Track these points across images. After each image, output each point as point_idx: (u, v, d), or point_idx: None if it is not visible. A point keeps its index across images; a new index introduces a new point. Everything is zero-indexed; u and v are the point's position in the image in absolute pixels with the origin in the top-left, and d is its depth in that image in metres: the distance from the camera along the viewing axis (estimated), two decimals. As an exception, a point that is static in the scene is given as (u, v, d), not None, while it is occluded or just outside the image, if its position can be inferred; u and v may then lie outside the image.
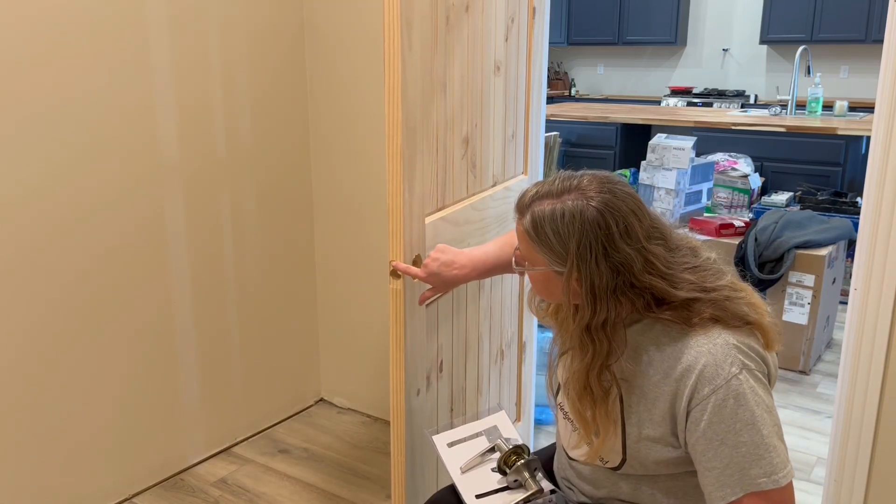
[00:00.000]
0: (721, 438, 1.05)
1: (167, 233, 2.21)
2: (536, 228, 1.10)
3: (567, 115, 5.05)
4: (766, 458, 1.04)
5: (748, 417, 1.05)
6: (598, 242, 1.06)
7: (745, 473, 1.04)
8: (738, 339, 1.08)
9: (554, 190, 1.11)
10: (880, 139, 1.53)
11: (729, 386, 1.05)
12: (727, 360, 1.06)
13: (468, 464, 1.34)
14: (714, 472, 1.06)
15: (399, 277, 1.40)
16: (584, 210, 1.07)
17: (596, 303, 1.07)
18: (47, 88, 1.87)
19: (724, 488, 1.06)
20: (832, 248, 3.08)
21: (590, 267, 1.06)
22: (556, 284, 1.12)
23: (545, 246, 1.10)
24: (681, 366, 1.08)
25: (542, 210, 1.10)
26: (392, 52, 1.30)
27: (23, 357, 1.92)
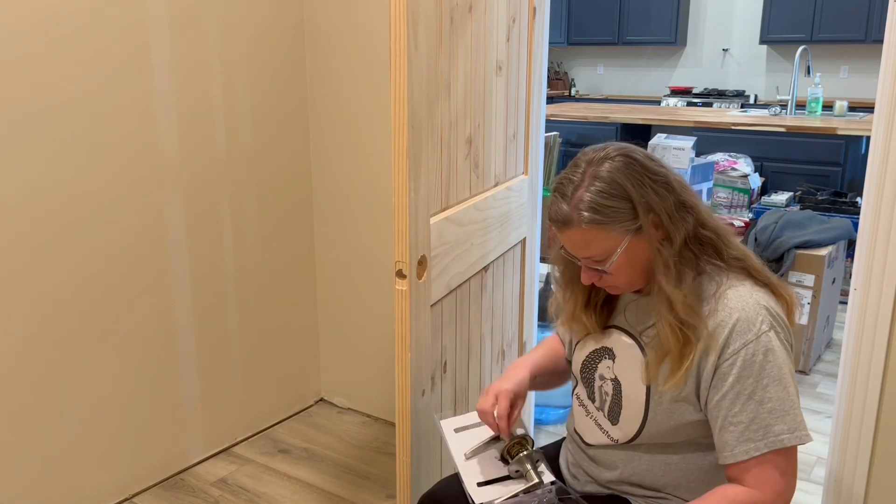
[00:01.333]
0: (749, 393, 1.09)
1: (167, 233, 2.21)
2: (597, 209, 1.11)
3: (567, 115, 5.05)
4: (790, 415, 1.08)
5: (776, 373, 1.08)
6: (641, 175, 1.11)
7: (770, 429, 1.08)
8: (769, 303, 1.12)
9: (575, 181, 1.13)
10: (880, 139, 1.53)
11: (759, 341, 1.09)
12: (758, 318, 1.10)
13: (472, 450, 1.35)
14: (739, 426, 1.09)
15: (405, 277, 1.40)
16: (611, 166, 1.12)
17: (674, 224, 1.12)
18: (47, 89, 1.87)
19: (748, 443, 1.09)
20: (832, 248, 3.08)
21: (652, 198, 1.11)
22: (641, 247, 1.13)
23: (615, 215, 1.11)
24: (713, 321, 1.11)
25: (584, 196, 1.11)
26: (398, 51, 1.30)
27: (23, 357, 1.92)
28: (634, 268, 1.16)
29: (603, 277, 1.18)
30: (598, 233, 1.12)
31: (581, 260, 1.18)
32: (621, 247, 1.13)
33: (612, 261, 1.14)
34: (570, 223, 1.13)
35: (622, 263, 1.15)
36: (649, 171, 1.12)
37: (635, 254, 1.14)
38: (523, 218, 2.08)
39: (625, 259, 1.14)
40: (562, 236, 1.16)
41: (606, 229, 1.11)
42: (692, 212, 1.15)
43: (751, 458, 1.09)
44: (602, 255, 1.14)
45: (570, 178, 1.14)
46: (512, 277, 2.07)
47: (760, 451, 1.08)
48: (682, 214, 1.13)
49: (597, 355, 1.28)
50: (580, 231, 1.12)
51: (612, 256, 1.14)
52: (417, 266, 1.43)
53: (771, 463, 1.08)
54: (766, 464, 1.09)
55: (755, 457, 1.09)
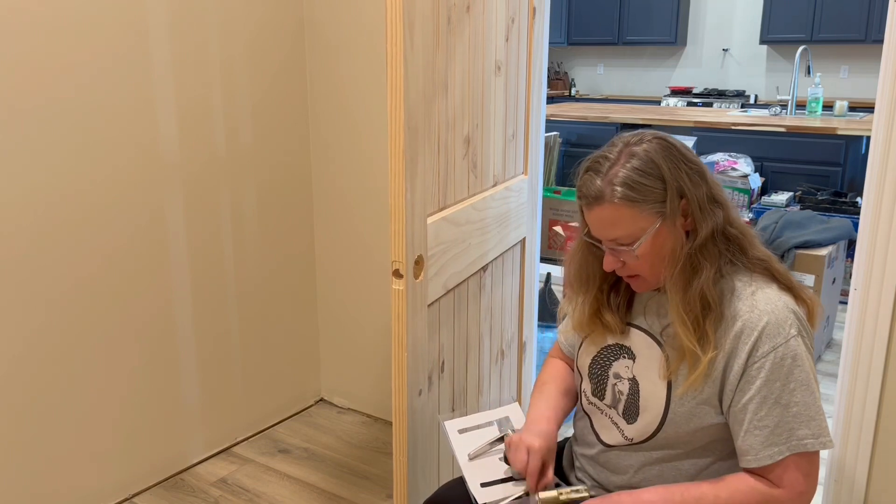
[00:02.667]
0: (776, 397, 1.09)
1: (167, 233, 2.21)
2: (631, 186, 1.10)
3: (567, 115, 5.05)
4: (815, 420, 1.09)
5: (803, 378, 1.09)
6: (677, 160, 1.12)
7: (794, 433, 1.08)
8: (795, 307, 1.13)
9: (611, 158, 1.13)
10: (880, 139, 1.53)
11: (788, 345, 1.09)
12: (788, 321, 1.10)
13: (477, 451, 1.35)
14: (764, 430, 1.09)
15: (401, 277, 1.40)
16: (648, 146, 1.12)
17: (703, 214, 1.12)
18: (47, 88, 1.87)
19: (772, 447, 1.09)
20: (832, 248, 3.08)
21: (685, 183, 1.12)
22: (667, 235, 1.13)
23: (648, 195, 1.11)
24: (740, 322, 1.11)
25: (619, 172, 1.11)
26: (394, 51, 1.30)
27: (22, 357, 1.92)
28: (659, 256, 1.14)
29: (626, 265, 1.16)
30: (628, 211, 1.11)
31: (606, 243, 1.16)
32: (651, 229, 1.11)
33: (639, 242, 1.12)
34: (601, 198, 1.11)
35: (648, 249, 1.13)
36: (685, 158, 1.13)
37: (662, 241, 1.13)
38: (523, 218, 2.08)
39: (651, 245, 1.13)
40: (590, 215, 1.15)
41: (638, 208, 1.10)
42: (722, 207, 1.15)
43: (778, 462, 1.09)
44: (630, 236, 1.12)
45: (605, 155, 1.14)
46: (511, 277, 2.07)
47: (783, 455, 1.09)
48: (713, 207, 1.13)
49: (611, 353, 1.25)
50: (611, 207, 1.11)
51: (641, 238, 1.12)
52: (414, 266, 1.43)
53: (794, 465, 1.09)
54: (789, 465, 1.09)
55: (778, 461, 1.09)
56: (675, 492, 1.13)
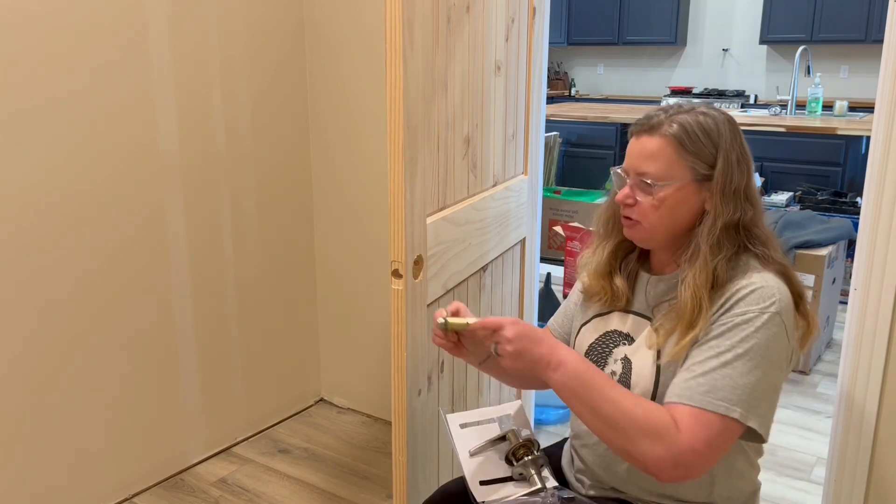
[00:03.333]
0: (721, 352, 1.07)
1: (167, 232, 2.21)
2: (687, 132, 1.13)
3: (567, 115, 5.05)
4: (747, 395, 1.06)
5: (758, 352, 1.07)
6: (736, 142, 1.15)
7: (716, 392, 1.06)
8: (789, 301, 1.12)
9: (683, 109, 1.16)
10: (880, 139, 1.53)
11: (760, 317, 1.08)
12: (772, 298, 1.09)
13: (478, 448, 1.35)
14: (692, 374, 1.08)
15: (401, 277, 1.40)
16: (718, 116, 1.16)
17: (735, 202, 1.13)
18: (46, 88, 1.87)
19: (688, 391, 1.07)
20: (832, 248, 3.08)
21: (733, 165, 1.14)
22: (690, 198, 1.15)
23: (695, 148, 1.13)
24: (733, 289, 1.11)
25: (686, 119, 1.14)
26: (394, 51, 1.30)
27: (22, 357, 1.92)
28: (671, 212, 1.15)
29: (637, 205, 1.17)
30: (672, 152, 1.13)
31: (633, 176, 1.17)
32: (681, 181, 1.13)
33: (663, 185, 1.14)
34: (654, 129, 1.14)
35: (666, 198, 1.14)
36: (743, 147, 1.16)
37: (682, 200, 1.15)
38: (523, 218, 2.08)
39: (671, 196, 1.14)
40: (636, 143, 1.17)
41: (680, 155, 1.13)
42: (753, 208, 1.16)
43: (686, 406, 1.06)
44: (659, 176, 1.14)
45: (680, 104, 1.17)
46: (511, 277, 2.07)
47: (692, 403, 1.05)
48: (742, 202, 1.14)
49: (611, 339, 1.26)
50: (660, 141, 1.14)
51: (665, 182, 1.13)
52: (413, 266, 1.43)
53: (703, 421, 1.04)
54: (699, 420, 1.05)
55: (691, 407, 1.05)
56: (589, 371, 1.10)
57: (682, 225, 1.17)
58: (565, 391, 1.11)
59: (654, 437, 1.04)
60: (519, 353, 1.13)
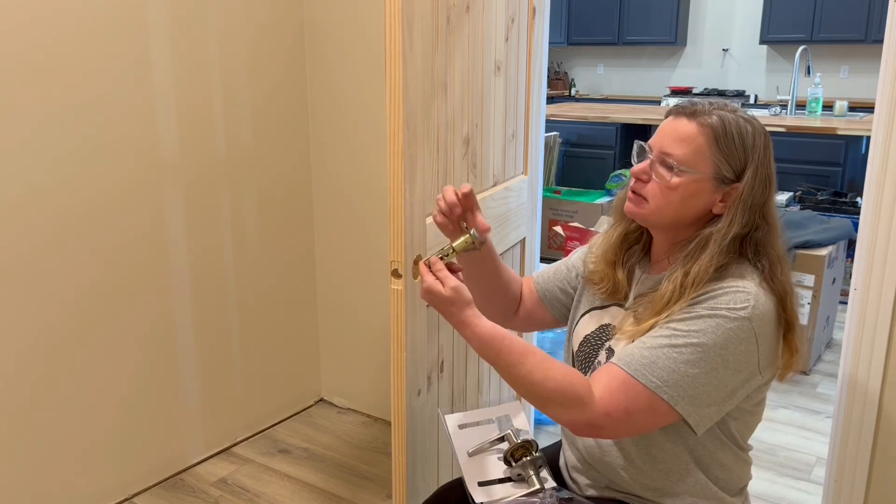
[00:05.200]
0: (673, 335, 1.06)
1: (168, 234, 2.21)
2: (724, 129, 1.11)
3: (567, 115, 5.05)
4: (683, 382, 1.05)
5: (711, 349, 1.05)
6: (766, 157, 1.13)
7: (653, 366, 1.06)
8: (770, 310, 1.09)
9: (730, 107, 1.15)
10: (880, 139, 1.53)
11: (727, 316, 1.06)
12: (747, 302, 1.07)
13: (476, 449, 1.35)
14: (636, 344, 1.08)
15: (400, 277, 1.40)
16: (757, 127, 1.14)
17: (751, 214, 1.12)
18: (48, 92, 1.87)
19: (627, 357, 1.08)
20: (832, 248, 3.08)
21: (758, 179, 1.12)
22: (704, 194, 1.13)
23: (728, 149, 1.11)
24: (711, 285, 1.09)
25: (726, 116, 1.13)
26: (393, 52, 1.30)
27: (23, 357, 1.92)
28: (681, 203, 1.13)
29: (650, 184, 1.15)
30: (702, 143, 1.11)
31: (657, 154, 1.15)
32: (701, 174, 1.11)
33: (682, 170, 1.11)
34: (695, 115, 1.13)
35: (682, 184, 1.12)
36: (770, 164, 1.14)
37: (695, 194, 1.13)
38: (523, 218, 2.08)
39: (687, 184, 1.12)
40: (670, 123, 1.15)
41: (710, 148, 1.11)
42: (768, 226, 1.15)
43: (622, 370, 1.07)
44: (682, 161, 1.12)
45: (725, 103, 1.16)
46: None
47: (630, 371, 1.06)
48: (758, 220, 1.13)
49: (604, 333, 1.26)
50: (696, 128, 1.12)
51: (687, 169, 1.11)
52: (413, 266, 1.43)
53: (632, 392, 1.05)
54: (629, 389, 1.06)
55: (627, 373, 1.06)
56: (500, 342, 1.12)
57: (686, 217, 1.15)
58: (484, 357, 1.15)
59: (566, 407, 1.07)
60: (438, 305, 1.17)
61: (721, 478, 1.19)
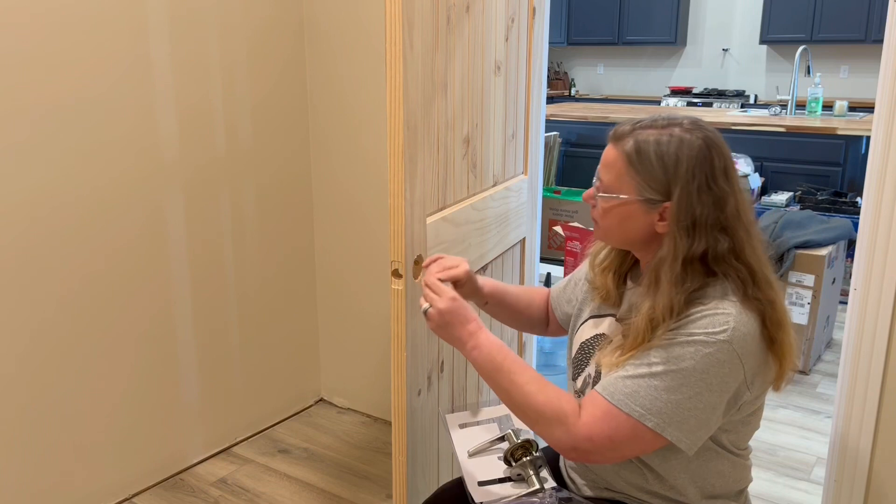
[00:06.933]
0: (652, 363, 1.06)
1: (167, 233, 2.21)
2: (640, 153, 1.10)
3: (567, 115, 5.05)
4: (666, 412, 1.05)
5: (689, 374, 1.04)
6: (701, 173, 1.08)
7: (634, 396, 1.06)
8: (752, 331, 1.06)
9: (658, 124, 1.12)
10: (880, 139, 1.53)
11: (706, 340, 1.04)
12: (725, 325, 1.05)
13: (476, 449, 1.36)
14: (623, 373, 1.08)
15: (400, 277, 1.40)
16: (691, 141, 1.09)
17: (694, 234, 1.08)
18: (48, 90, 1.87)
19: (611, 387, 1.08)
20: (832, 248, 3.08)
21: (692, 196, 1.08)
22: (637, 216, 1.12)
23: (645, 171, 1.10)
24: (688, 310, 1.08)
25: (646, 137, 1.11)
26: (393, 51, 1.30)
27: (23, 357, 1.92)
28: (621, 227, 1.15)
29: (596, 206, 1.18)
30: (623, 167, 1.12)
31: (596, 176, 1.19)
32: (625, 197, 1.12)
33: (606, 197, 1.14)
34: (616, 140, 1.14)
35: (610, 209, 1.14)
36: (713, 177, 1.09)
37: (629, 217, 1.13)
38: (522, 218, 2.08)
39: (615, 209, 1.14)
40: (606, 148, 1.17)
41: (628, 173, 1.11)
42: (731, 239, 1.09)
43: (605, 399, 1.07)
44: (608, 186, 1.14)
45: (658, 117, 1.15)
46: (511, 278, 2.07)
47: (612, 400, 1.06)
48: (710, 235, 1.08)
49: (597, 342, 1.27)
50: (617, 153, 1.13)
51: (612, 196, 1.13)
52: (413, 266, 1.43)
53: (614, 420, 1.06)
54: (611, 418, 1.06)
55: (608, 402, 1.07)
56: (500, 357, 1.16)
57: (634, 237, 1.15)
58: (482, 372, 1.19)
59: (552, 423, 1.09)
60: (442, 327, 1.21)
61: (717, 484, 1.19)
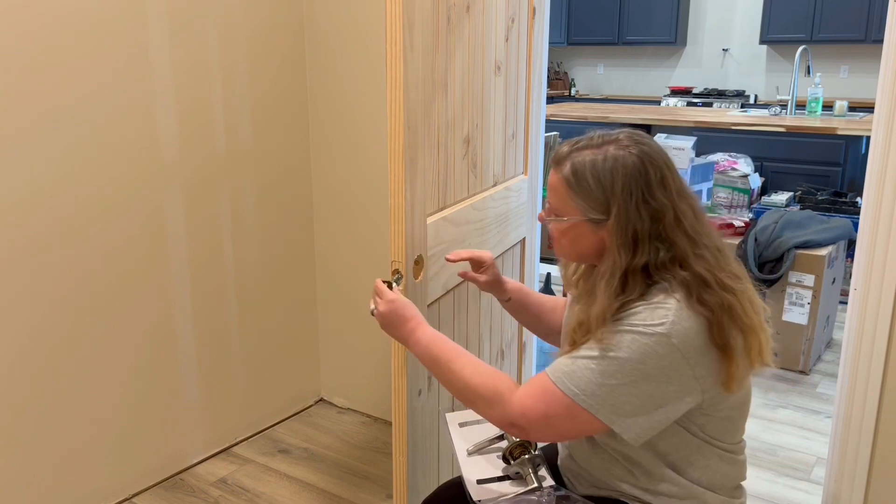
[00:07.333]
0: (594, 348, 1.09)
1: (167, 233, 2.21)
2: (577, 175, 1.14)
3: (567, 115, 5.05)
4: (595, 385, 1.07)
5: (627, 361, 1.06)
6: (637, 188, 1.11)
7: (571, 375, 1.09)
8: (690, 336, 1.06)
9: (593, 143, 1.16)
10: (880, 139, 1.53)
11: (643, 331, 1.06)
12: (664, 319, 1.06)
13: (476, 447, 1.36)
14: (567, 356, 1.12)
15: (402, 278, 1.40)
16: (625, 157, 1.12)
17: (636, 247, 1.11)
18: (48, 89, 1.87)
19: (554, 365, 1.13)
20: (832, 248, 3.08)
21: (631, 212, 1.11)
22: (587, 235, 1.16)
23: (584, 193, 1.13)
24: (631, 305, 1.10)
25: (582, 159, 1.14)
26: (394, 51, 1.30)
27: (23, 357, 1.92)
28: (573, 246, 1.19)
29: (550, 225, 1.23)
30: (564, 191, 1.16)
31: (546, 199, 1.23)
32: (572, 219, 1.16)
33: (556, 220, 1.18)
34: (558, 165, 1.18)
35: (567, 231, 1.18)
36: (649, 191, 1.11)
37: (579, 237, 1.17)
38: (523, 218, 2.08)
39: (566, 230, 1.18)
40: (550, 172, 1.21)
41: (571, 196, 1.15)
42: (674, 248, 1.11)
43: (546, 376, 1.11)
44: (555, 209, 1.19)
45: (592, 137, 1.18)
46: (511, 277, 2.07)
47: (552, 377, 1.10)
48: (650, 246, 1.10)
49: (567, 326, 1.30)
50: (557, 178, 1.17)
51: (560, 219, 1.18)
52: (414, 266, 1.43)
53: (550, 398, 1.09)
54: (548, 394, 1.10)
55: (549, 379, 1.11)
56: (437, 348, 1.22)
57: (588, 253, 1.18)
58: (424, 365, 1.25)
59: (489, 402, 1.15)
60: (385, 326, 1.30)
61: (703, 478, 1.18)
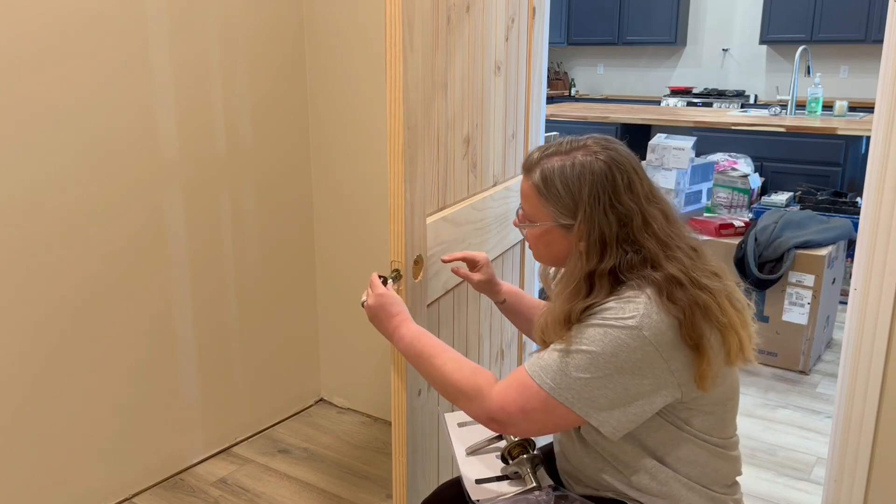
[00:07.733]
0: (566, 343, 1.11)
1: (167, 232, 2.21)
2: (546, 182, 1.17)
3: (567, 115, 5.05)
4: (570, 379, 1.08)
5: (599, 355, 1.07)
6: (605, 193, 1.13)
7: (546, 369, 1.11)
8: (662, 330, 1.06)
9: (562, 149, 1.18)
10: (880, 139, 1.53)
11: (614, 325, 1.07)
12: (634, 312, 1.07)
13: (474, 447, 1.36)
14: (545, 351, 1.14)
15: (401, 277, 1.40)
16: (593, 163, 1.15)
17: (604, 251, 1.13)
18: (47, 89, 1.87)
19: (532, 360, 1.15)
20: (832, 248, 3.08)
21: (598, 216, 1.13)
22: (559, 240, 1.19)
23: (554, 199, 1.16)
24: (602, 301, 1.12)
25: (551, 165, 1.17)
26: (393, 51, 1.30)
27: (23, 357, 1.92)
28: (548, 251, 1.22)
29: (524, 231, 1.25)
30: (535, 197, 1.19)
31: (520, 206, 1.26)
32: (543, 224, 1.19)
33: (528, 226, 1.22)
34: (529, 172, 1.20)
35: (541, 237, 1.21)
36: (616, 196, 1.13)
37: (552, 240, 1.20)
38: (522, 218, 2.08)
39: (539, 236, 1.21)
40: (521, 179, 1.24)
41: (541, 202, 1.18)
42: (643, 249, 1.12)
43: (524, 371, 1.13)
44: (527, 215, 1.22)
45: (562, 143, 1.20)
46: (511, 277, 2.07)
47: (529, 371, 1.12)
48: (618, 249, 1.12)
49: None
50: (527, 184, 1.20)
51: (532, 225, 1.21)
52: (413, 266, 1.43)
53: (527, 391, 1.11)
54: (524, 388, 1.12)
55: (526, 373, 1.12)
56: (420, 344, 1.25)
57: (562, 257, 1.20)
58: (408, 360, 1.28)
59: (470, 397, 1.18)
60: (372, 319, 1.34)
61: (693, 474, 1.18)
